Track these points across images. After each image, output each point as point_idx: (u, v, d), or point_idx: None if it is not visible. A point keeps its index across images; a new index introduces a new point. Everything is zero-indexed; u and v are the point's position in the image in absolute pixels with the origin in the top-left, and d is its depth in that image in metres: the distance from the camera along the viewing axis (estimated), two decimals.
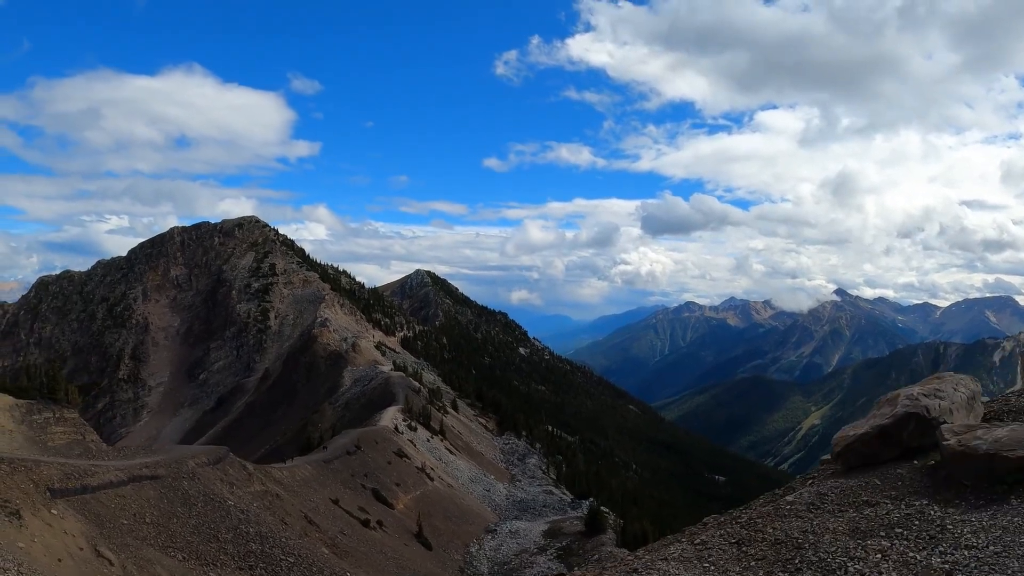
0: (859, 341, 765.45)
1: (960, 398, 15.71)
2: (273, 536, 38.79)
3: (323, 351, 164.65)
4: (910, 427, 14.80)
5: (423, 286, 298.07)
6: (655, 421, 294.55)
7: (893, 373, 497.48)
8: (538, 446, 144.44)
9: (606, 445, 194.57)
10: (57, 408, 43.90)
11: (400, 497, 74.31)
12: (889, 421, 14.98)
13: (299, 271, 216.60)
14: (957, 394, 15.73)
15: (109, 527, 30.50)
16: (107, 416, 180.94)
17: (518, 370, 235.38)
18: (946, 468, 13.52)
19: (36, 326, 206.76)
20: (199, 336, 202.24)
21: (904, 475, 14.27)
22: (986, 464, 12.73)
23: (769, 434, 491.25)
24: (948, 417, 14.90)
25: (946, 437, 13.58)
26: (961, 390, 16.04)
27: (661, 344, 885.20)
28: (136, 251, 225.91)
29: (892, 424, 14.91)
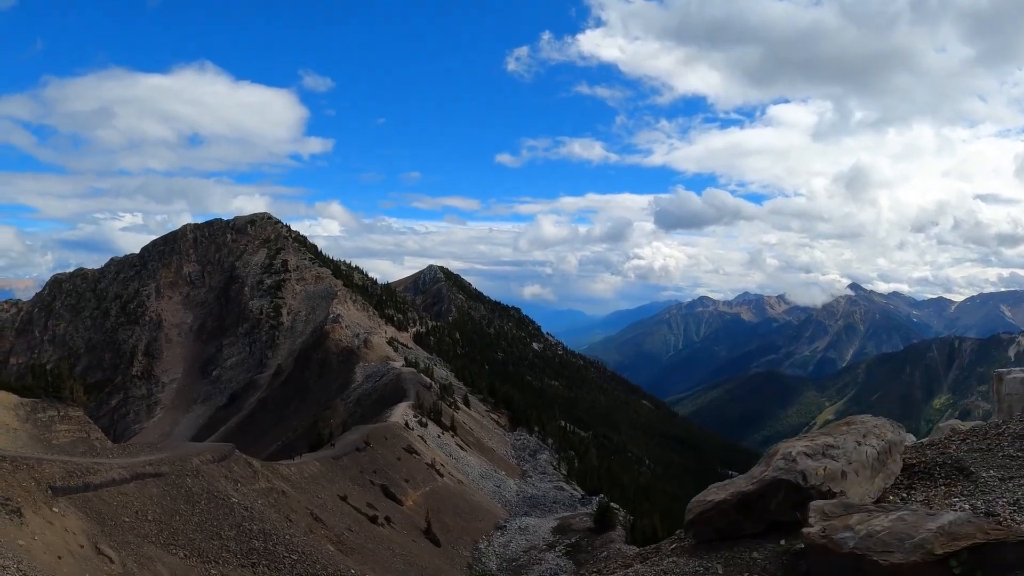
0: (873, 336, 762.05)
1: (864, 455, 12.61)
2: (277, 533, 38.77)
3: (335, 347, 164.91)
4: (779, 496, 11.41)
5: (436, 281, 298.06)
6: (668, 416, 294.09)
7: (907, 368, 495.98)
8: (550, 442, 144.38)
9: (619, 440, 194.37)
10: (62, 406, 44.01)
11: (409, 493, 74.28)
12: (753, 488, 11.55)
13: (311, 267, 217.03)
14: (861, 450, 12.63)
15: (110, 525, 30.51)
16: (121, 413, 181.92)
17: (531, 365, 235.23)
18: (809, 560, 10.20)
19: (50, 324, 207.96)
20: (212, 333, 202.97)
21: (758, 561, 11.09)
22: (852, 566, 9.20)
23: (783, 429, 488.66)
24: (837, 484, 11.65)
25: (811, 521, 10.26)
26: (870, 444, 12.98)
27: (675, 339, 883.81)
28: (149, 248, 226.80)
29: (756, 492, 11.66)
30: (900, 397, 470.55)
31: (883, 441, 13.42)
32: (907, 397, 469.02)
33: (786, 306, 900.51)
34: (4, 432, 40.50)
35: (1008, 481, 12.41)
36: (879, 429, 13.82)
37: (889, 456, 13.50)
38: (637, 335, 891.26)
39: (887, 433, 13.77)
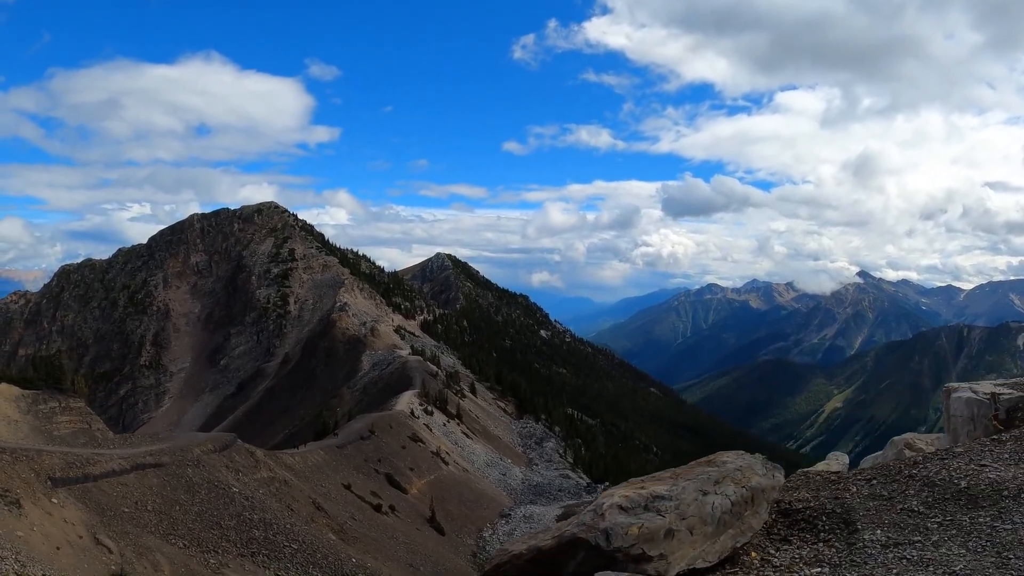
0: (882, 324, 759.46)
1: (709, 508, 10.38)
2: (278, 523, 38.94)
3: (342, 336, 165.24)
4: (578, 558, 9.81)
5: (443, 269, 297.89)
6: (677, 404, 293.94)
7: (916, 356, 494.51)
8: (557, 429, 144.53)
9: (627, 428, 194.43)
10: (63, 398, 44.24)
11: (414, 482, 74.53)
12: (551, 544, 9.97)
13: (318, 256, 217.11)
14: (705, 501, 10.40)
15: (110, 515, 30.69)
16: (129, 402, 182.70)
17: (539, 353, 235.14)
18: None
19: (59, 314, 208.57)
20: (220, 322, 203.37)
21: None
22: None
23: (791, 417, 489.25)
24: (655, 546, 9.57)
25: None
26: (723, 492, 10.69)
27: (683, 326, 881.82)
28: (156, 238, 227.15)
29: (553, 550, 9.95)
30: (909, 385, 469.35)
31: (743, 488, 11.11)
32: (916, 385, 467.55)
33: (795, 293, 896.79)
34: (5, 424, 40.73)
35: (892, 548, 10.31)
36: (743, 473, 11.55)
37: (750, 507, 11.14)
38: (645, 322, 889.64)
39: (752, 478, 11.44)
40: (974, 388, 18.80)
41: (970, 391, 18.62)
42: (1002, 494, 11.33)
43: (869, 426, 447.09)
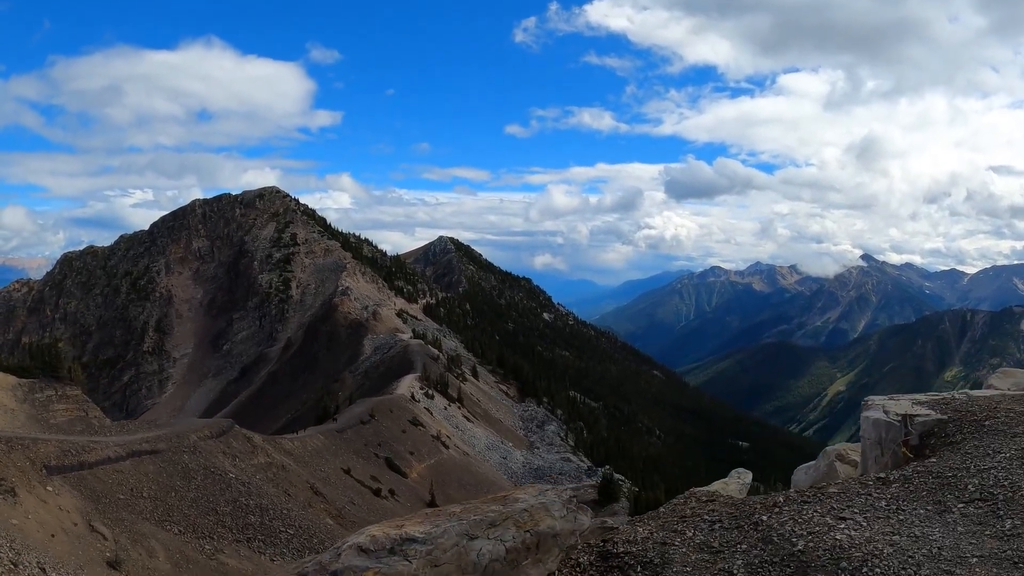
0: (885, 307, 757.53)
1: (474, 555, 9.49)
2: (274, 508, 39.13)
3: (344, 320, 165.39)
4: None
5: (446, 253, 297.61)
6: (679, 387, 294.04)
7: (919, 340, 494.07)
8: (559, 412, 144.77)
9: (630, 411, 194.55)
10: (59, 386, 44.33)
11: (414, 466, 74.76)
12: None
13: (320, 240, 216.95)
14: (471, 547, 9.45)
15: (105, 502, 30.84)
16: (133, 388, 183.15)
17: (542, 336, 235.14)
18: None
19: (61, 302, 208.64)
20: (222, 307, 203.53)
21: None
22: None
23: (794, 400, 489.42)
24: None
25: None
26: (498, 538, 9.61)
27: (686, 309, 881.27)
28: (158, 224, 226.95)
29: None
30: (912, 369, 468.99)
31: (527, 532, 9.91)
32: (919, 369, 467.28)
33: (798, 276, 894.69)
34: (2, 412, 40.86)
35: None
36: (532, 514, 10.37)
37: (532, 554, 10.01)
38: (648, 305, 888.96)
39: (543, 520, 10.21)
40: (888, 406, 16.83)
41: (882, 410, 16.69)
42: (839, 565, 9.71)
43: None
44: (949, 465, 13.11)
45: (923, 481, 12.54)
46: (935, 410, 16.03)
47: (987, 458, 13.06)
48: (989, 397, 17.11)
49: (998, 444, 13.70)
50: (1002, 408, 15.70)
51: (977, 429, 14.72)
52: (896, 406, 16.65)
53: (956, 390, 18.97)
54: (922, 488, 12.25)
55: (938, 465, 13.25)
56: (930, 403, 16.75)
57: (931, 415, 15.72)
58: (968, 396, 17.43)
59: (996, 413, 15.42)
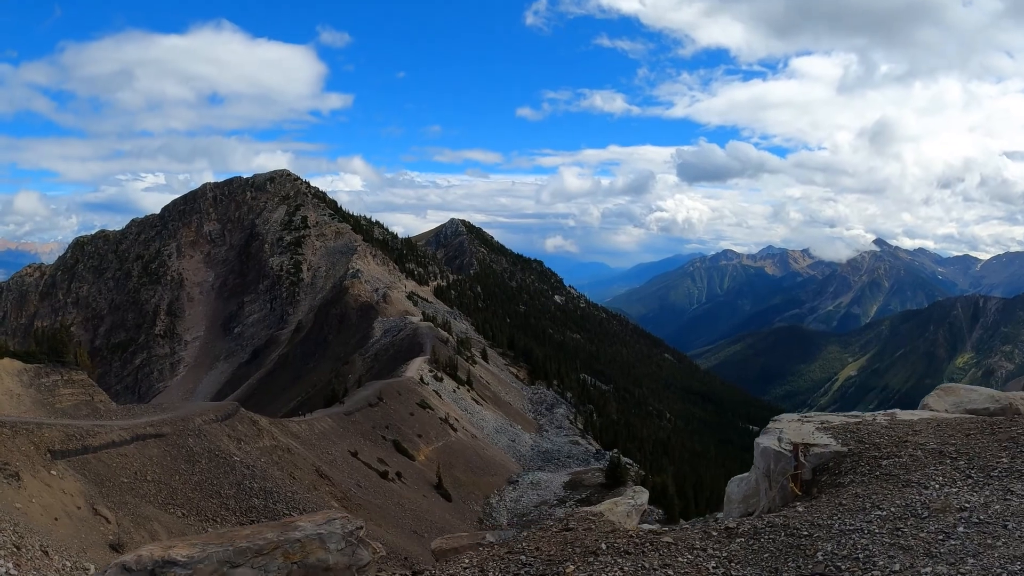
0: (898, 292, 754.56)
1: None
2: (278, 491, 39.29)
3: (354, 302, 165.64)
4: None
5: (457, 235, 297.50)
6: (690, 370, 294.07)
7: (931, 326, 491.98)
8: (569, 395, 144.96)
9: (640, 394, 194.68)
10: (65, 371, 44.62)
11: (421, 448, 74.96)
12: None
13: (331, 223, 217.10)
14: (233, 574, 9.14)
15: (109, 486, 31.02)
16: (145, 371, 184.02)
17: (553, 318, 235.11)
18: None
19: (73, 286, 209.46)
20: (233, 290, 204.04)
21: None
22: None
23: (805, 384, 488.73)
24: None
25: None
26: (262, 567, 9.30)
27: (698, 292, 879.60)
28: (169, 208, 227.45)
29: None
30: (923, 355, 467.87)
31: (294, 564, 9.29)
32: (930, 355, 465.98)
33: (810, 260, 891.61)
34: (8, 398, 41.15)
35: None
36: (305, 545, 9.61)
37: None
38: (660, 288, 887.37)
39: (315, 552, 9.55)
40: (786, 431, 14.88)
41: (777, 436, 14.73)
42: None
43: (883, 394, 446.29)
44: (812, 519, 11.23)
45: (772, 538, 10.66)
46: (840, 438, 14.25)
47: (859, 515, 11.13)
48: (911, 423, 15.11)
49: (883, 495, 11.85)
50: (913, 443, 13.80)
51: (871, 470, 12.90)
52: (795, 431, 14.94)
53: (883, 411, 16.84)
54: (766, 549, 10.36)
55: (800, 517, 11.39)
56: (839, 428, 14.96)
57: (830, 445, 13.99)
58: (890, 420, 15.61)
59: (902, 450, 13.49)
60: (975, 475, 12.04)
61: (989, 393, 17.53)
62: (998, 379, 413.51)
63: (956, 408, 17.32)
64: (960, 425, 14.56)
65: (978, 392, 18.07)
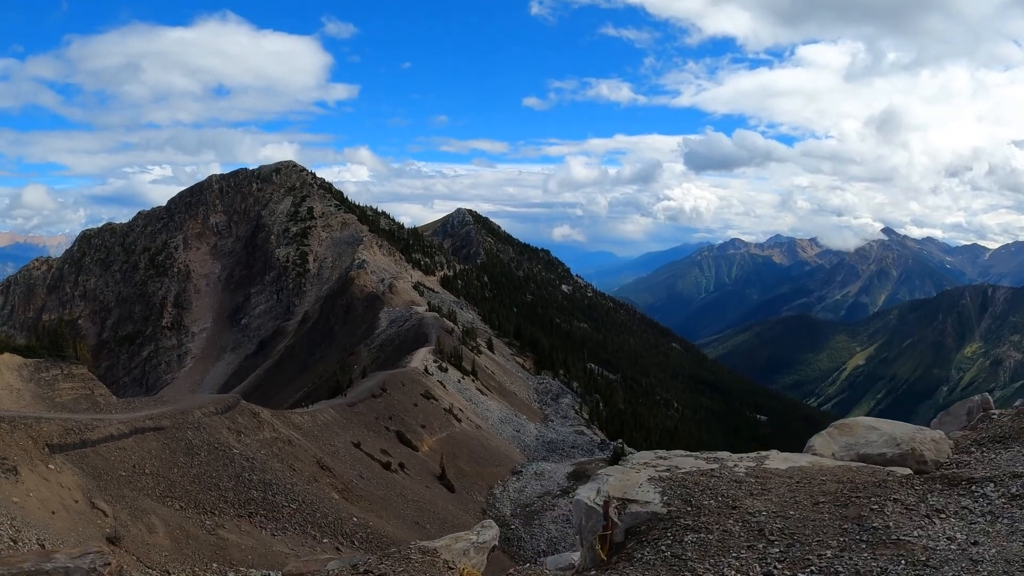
0: (906, 281, 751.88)
1: None
2: (278, 483, 39.41)
3: (360, 293, 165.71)
4: None
5: (464, 224, 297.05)
6: (698, 359, 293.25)
7: (940, 315, 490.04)
8: (575, 385, 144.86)
9: (647, 383, 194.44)
10: (65, 365, 44.87)
11: (425, 439, 75.06)
12: None
13: (337, 214, 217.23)
14: None
15: (107, 479, 31.18)
16: (152, 363, 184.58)
17: (560, 308, 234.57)
18: None
19: (80, 279, 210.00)
20: (240, 281, 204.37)
21: None
22: None
23: (813, 374, 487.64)
24: None
25: None
26: None
27: (706, 281, 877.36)
28: (176, 200, 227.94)
29: None
30: (931, 344, 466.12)
31: None
32: (938, 344, 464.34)
33: (818, 249, 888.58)
34: (8, 392, 41.38)
35: None
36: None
37: None
38: (668, 277, 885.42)
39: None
40: (608, 483, 12.73)
41: (596, 489, 12.68)
42: None
43: (891, 384, 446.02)
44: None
45: None
46: (668, 494, 12.02)
47: None
48: (767, 479, 12.66)
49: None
50: (743, 510, 11.31)
51: (671, 545, 10.55)
52: (622, 481, 12.82)
53: (756, 454, 14.35)
54: None
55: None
56: (675, 481, 12.61)
57: (651, 504, 11.86)
58: (749, 471, 13.15)
59: (723, 520, 11.05)
60: (779, 571, 9.25)
61: (891, 435, 14.64)
62: (1006, 369, 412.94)
63: (847, 453, 14.62)
64: (821, 486, 12.07)
65: (878, 432, 15.07)
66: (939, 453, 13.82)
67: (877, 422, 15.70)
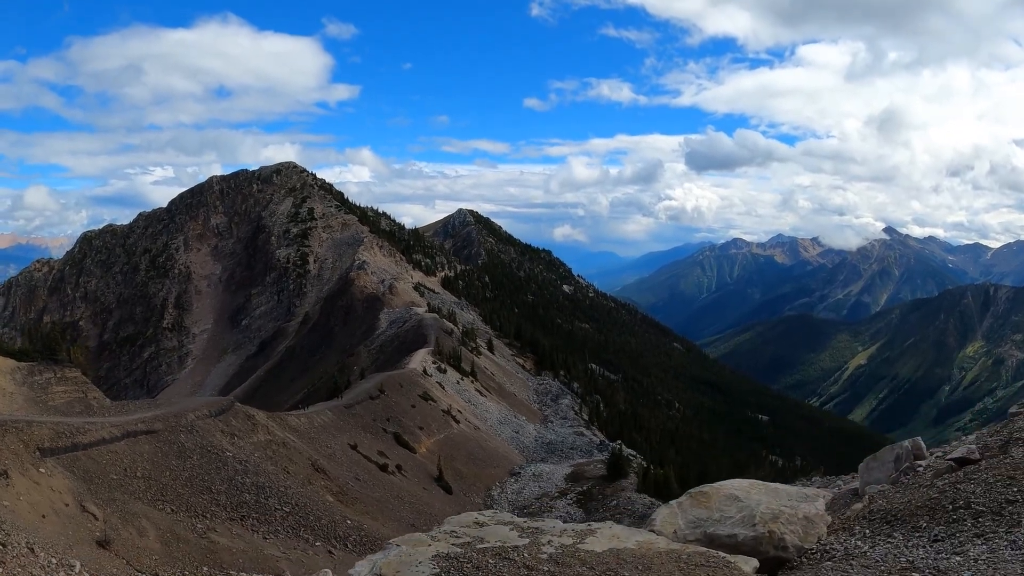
0: (908, 280, 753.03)
1: None
2: (271, 486, 39.38)
3: (360, 294, 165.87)
4: None
5: (465, 225, 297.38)
6: (700, 359, 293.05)
7: (942, 314, 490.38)
8: (575, 386, 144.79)
9: (649, 383, 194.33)
10: (59, 368, 44.90)
11: (423, 441, 75.07)
12: None
13: (338, 214, 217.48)
14: None
15: (98, 483, 31.16)
16: (153, 365, 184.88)
17: (561, 308, 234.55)
18: None
19: (81, 280, 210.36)
20: (240, 283, 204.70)
21: None
22: None
23: (815, 374, 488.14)
24: None
25: None
26: None
27: (708, 281, 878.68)
28: (176, 201, 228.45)
29: None
30: (933, 343, 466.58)
31: None
32: (940, 343, 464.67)
33: (820, 248, 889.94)
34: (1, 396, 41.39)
35: None
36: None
37: None
38: (670, 277, 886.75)
39: None
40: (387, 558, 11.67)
41: (369, 567, 11.54)
42: None
43: (893, 383, 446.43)
44: None
45: None
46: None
47: None
48: (560, 570, 10.98)
49: None
50: None
51: None
52: (401, 559, 11.58)
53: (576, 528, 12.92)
54: None
55: None
56: (457, 562, 11.29)
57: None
58: (563, 551, 11.70)
59: None
60: None
61: (751, 511, 12.48)
62: (1008, 368, 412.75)
63: (692, 531, 12.76)
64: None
65: (739, 506, 12.81)
66: (806, 537, 11.97)
67: (748, 490, 13.46)
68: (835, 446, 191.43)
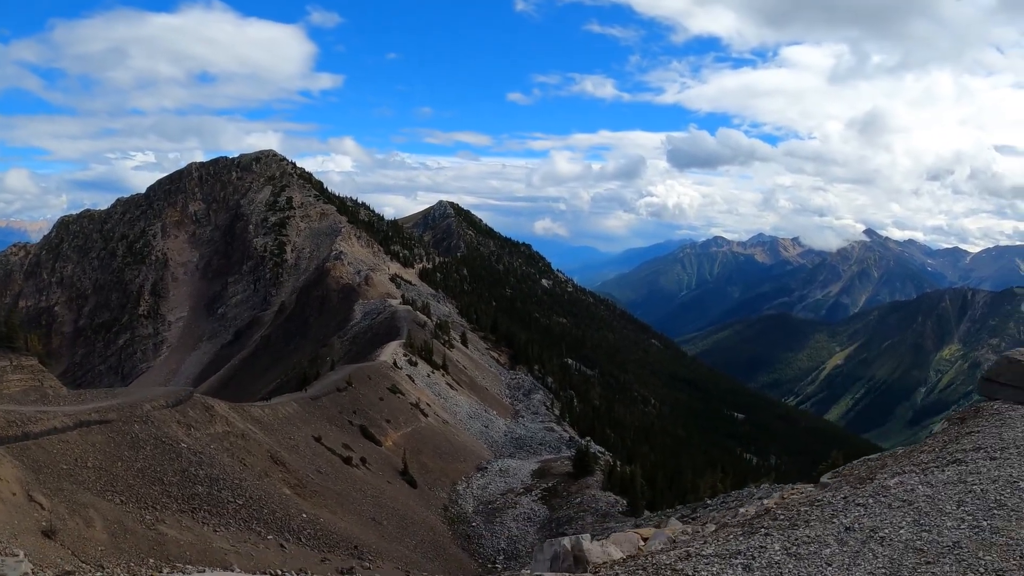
0: (887, 282, 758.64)
1: None
2: (225, 478, 39.40)
3: (336, 284, 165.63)
4: None
5: (445, 217, 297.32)
6: (677, 356, 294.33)
7: (920, 317, 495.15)
8: (550, 380, 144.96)
9: (626, 379, 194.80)
10: (15, 356, 44.67)
11: (389, 434, 75.05)
12: None
13: (316, 204, 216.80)
14: None
15: (47, 472, 31.16)
16: (128, 352, 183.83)
17: (539, 302, 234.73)
18: None
19: (58, 266, 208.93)
20: (217, 271, 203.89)
21: None
22: None
23: (792, 373, 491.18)
24: None
25: None
26: None
27: (688, 278, 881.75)
28: (155, 188, 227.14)
29: None
30: (911, 346, 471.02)
31: None
32: (918, 346, 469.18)
33: (800, 249, 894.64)
34: None
35: None
36: None
37: None
38: (650, 273, 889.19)
39: None
40: None
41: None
42: None
43: (870, 384, 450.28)
44: None
45: None
46: None
47: None
48: None
49: None
50: None
51: None
52: None
53: None
54: None
55: None
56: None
57: None
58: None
59: None
60: None
61: None
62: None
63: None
64: None
65: None
66: None
67: None
68: (810, 445, 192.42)
